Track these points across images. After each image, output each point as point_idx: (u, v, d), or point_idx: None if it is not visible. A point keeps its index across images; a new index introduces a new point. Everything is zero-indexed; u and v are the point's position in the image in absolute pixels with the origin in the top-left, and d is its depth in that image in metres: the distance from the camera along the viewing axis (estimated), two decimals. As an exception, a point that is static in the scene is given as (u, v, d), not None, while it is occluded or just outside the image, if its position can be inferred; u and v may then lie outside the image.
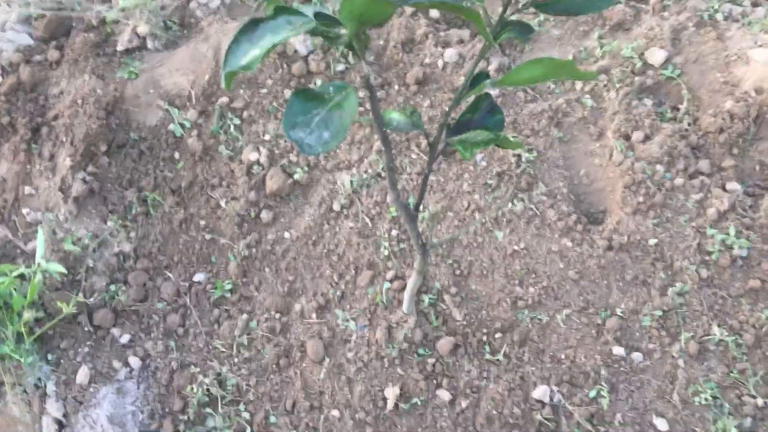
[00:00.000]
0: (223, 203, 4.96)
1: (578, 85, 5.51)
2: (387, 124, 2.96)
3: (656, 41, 5.52)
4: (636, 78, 5.43)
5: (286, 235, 4.92)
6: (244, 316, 4.62)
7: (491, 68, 5.53)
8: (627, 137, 5.26)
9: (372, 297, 4.65)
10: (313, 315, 4.62)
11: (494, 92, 5.38)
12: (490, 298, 4.67)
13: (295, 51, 5.51)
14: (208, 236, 4.90)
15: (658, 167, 5.08)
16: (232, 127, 5.26)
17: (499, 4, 2.48)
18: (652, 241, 4.82)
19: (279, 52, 5.44)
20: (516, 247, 4.81)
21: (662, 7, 5.85)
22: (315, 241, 4.90)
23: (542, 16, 5.84)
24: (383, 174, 5.15)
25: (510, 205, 4.97)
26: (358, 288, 4.73)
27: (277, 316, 4.62)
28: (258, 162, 5.10)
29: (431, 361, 4.44)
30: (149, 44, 5.51)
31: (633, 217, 4.94)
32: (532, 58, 3.41)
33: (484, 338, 4.52)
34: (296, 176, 5.06)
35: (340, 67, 5.46)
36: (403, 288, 4.55)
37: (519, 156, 5.11)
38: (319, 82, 5.40)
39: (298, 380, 4.41)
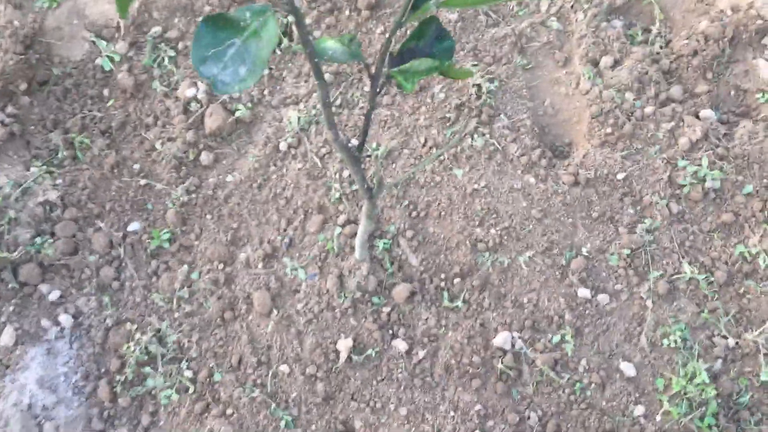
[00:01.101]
0: (158, 145, 4.48)
1: (543, 6, 5.02)
2: (320, 54, 2.49)
3: (628, -43, 5.01)
4: (605, -1, 4.95)
5: (229, 178, 4.47)
6: (185, 267, 4.21)
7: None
8: (595, 63, 4.81)
9: (322, 244, 4.27)
10: (260, 264, 4.23)
11: (453, 16, 4.88)
12: (448, 241, 4.30)
13: (235, -26, 4.91)
14: (142, 182, 4.43)
15: (628, 95, 4.66)
16: (166, 59, 4.72)
17: None
18: (621, 175, 4.46)
19: (216, -25, 4.85)
20: (476, 186, 4.42)
21: None
22: (260, 184, 4.47)
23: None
24: (333, 109, 4.68)
25: (470, 140, 4.55)
26: (308, 234, 4.34)
27: (221, 266, 4.23)
28: (196, 98, 4.59)
29: (386, 310, 4.10)
30: (70, -31, 4.87)
31: (600, 150, 4.55)
32: None
33: (443, 284, 4.18)
34: (239, 113, 4.57)
35: None
36: (356, 233, 4.17)
37: (479, 86, 4.65)
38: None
39: (245, 334, 4.06)
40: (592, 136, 4.54)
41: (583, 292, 4.11)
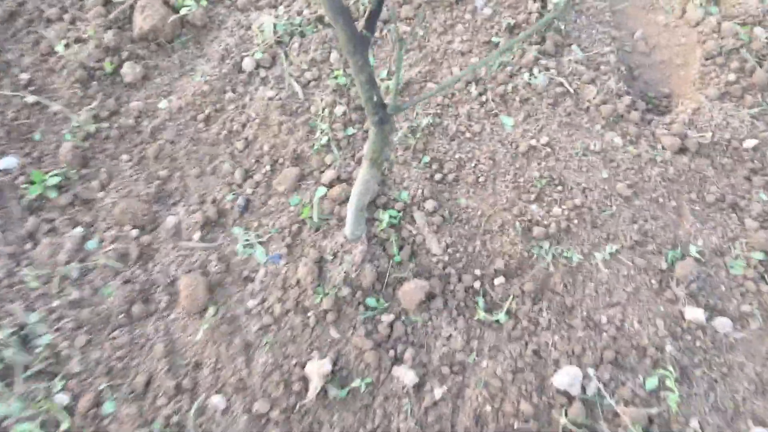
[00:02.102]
0: (60, 47, 3.08)
1: None
2: None
3: None
4: None
5: (163, 104, 3.08)
6: (78, 230, 2.81)
7: None
8: (709, -14, 3.48)
9: (295, 210, 2.88)
10: (196, 234, 2.84)
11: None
12: (488, 220, 2.93)
13: None
14: (31, 99, 3.03)
15: (758, 30, 3.33)
16: (88, -68, 3.34)
17: None
18: (749, 143, 3.10)
19: None
20: (534, 142, 3.05)
21: None
22: (210, 116, 3.08)
23: None
24: (325, 20, 3.30)
25: (527, 76, 3.18)
26: (274, 194, 2.95)
27: (135, 233, 2.83)
28: (124, -15, 3.21)
29: (387, 318, 2.71)
30: None
31: (719, 105, 3.20)
32: None
33: (477, 285, 2.80)
34: (185, 11, 3.19)
35: None
36: (347, 198, 2.81)
37: (543, 3, 3.30)
38: None
39: (160, 342, 2.66)
40: (705, 84, 3.20)
41: (694, 313, 2.76)
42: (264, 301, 2.71)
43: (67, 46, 3.08)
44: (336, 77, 3.10)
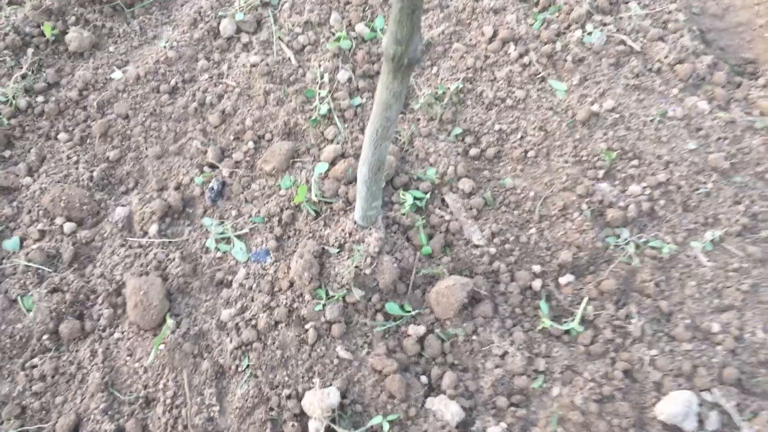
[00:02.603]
0: (-11, 12, 2.51)
1: None
2: None
3: None
4: None
5: (116, 74, 2.48)
6: (-7, 226, 2.14)
7: None
8: (786, -62, 2.95)
9: (287, 194, 2.22)
10: (152, 227, 2.16)
11: None
12: (545, 203, 2.26)
13: None
14: (-54, 71, 2.43)
15: None
16: None
17: None
18: None
19: None
20: (596, 107, 2.42)
21: None
22: (176, 87, 2.47)
23: None
24: (326, -23, 2.75)
25: (579, 33, 2.59)
26: (260, 175, 2.30)
27: (69, 227, 2.15)
28: (74, -57, 2.68)
29: (416, 331, 2.00)
30: None
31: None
32: None
33: (536, 284, 2.11)
34: (148, -31, 2.65)
35: None
36: (353, 176, 2.16)
37: (591, -48, 2.76)
38: None
39: (96, 370, 1.92)
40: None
41: (839, 315, 2.02)
42: (244, 310, 2.01)
43: (-2, 10, 2.51)
44: (338, 40, 2.51)
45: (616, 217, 2.24)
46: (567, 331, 2.06)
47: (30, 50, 2.49)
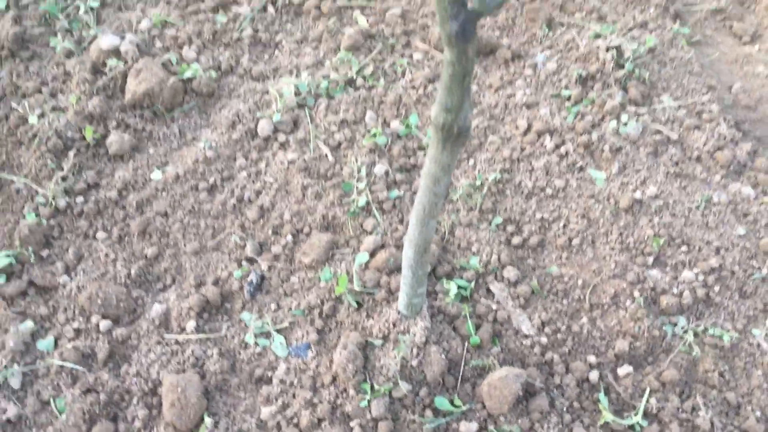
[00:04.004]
0: (33, 118, 2.57)
1: (700, -33, 3.35)
2: None
3: None
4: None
5: (156, 174, 2.49)
6: (28, 325, 2.07)
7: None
8: (810, 34, 3.01)
9: (327, 286, 2.14)
10: (190, 323, 2.08)
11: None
12: (595, 291, 2.17)
13: None
14: (-11, 175, 2.46)
15: None
16: (82, 9, 3.01)
17: None
18: None
19: None
20: (639, 195, 2.38)
21: None
22: (214, 185, 2.46)
23: None
24: (359, 81, 2.80)
25: (614, 124, 2.58)
26: (299, 267, 2.24)
27: (106, 325, 2.08)
28: (117, 54, 2.79)
29: (468, 428, 1.86)
30: None
31: None
32: None
33: (593, 376, 1.99)
34: (188, 75, 2.71)
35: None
36: (396, 266, 2.09)
37: (618, 50, 2.80)
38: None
39: (129, 474, 1.80)
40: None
41: None
42: (285, 407, 1.91)
43: (41, 116, 2.57)
44: (374, 136, 2.52)
45: (670, 305, 2.13)
46: (631, 426, 1.91)
47: (71, 153, 2.52)
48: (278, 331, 2.09)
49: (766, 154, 2.61)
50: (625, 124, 2.59)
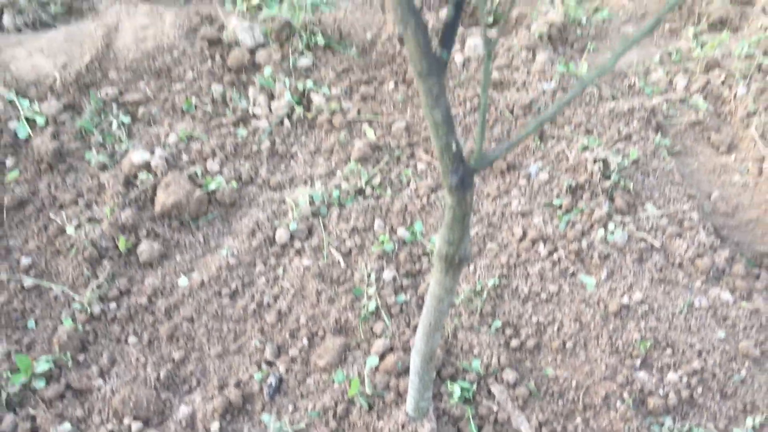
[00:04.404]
0: (71, 229, 2.80)
1: (680, 83, 3.63)
2: None
3: (786, 35, 3.77)
4: (768, 77, 3.58)
5: (182, 281, 2.70)
6: (66, 427, 2.24)
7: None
8: (780, 145, 3.27)
9: (341, 388, 2.32)
10: (214, 425, 2.25)
11: (551, 86, 3.46)
12: (587, 392, 2.34)
13: (236, 41, 3.68)
14: (29, 282, 2.66)
15: None
16: (115, 125, 3.28)
17: None
18: None
19: (211, 39, 3.61)
20: (626, 300, 2.58)
21: (778, 7, 4.18)
22: (235, 291, 2.67)
23: (606, 11, 4.12)
24: (368, 191, 3.05)
25: (602, 232, 2.81)
26: (314, 371, 2.42)
27: (137, 427, 2.25)
28: (148, 167, 3.04)
29: None
30: (6, 21, 3.71)
31: (835, 253, 2.77)
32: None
33: (589, 472, 2.14)
34: (212, 187, 2.96)
35: (305, 60, 3.58)
36: (404, 369, 2.27)
37: (605, 162, 3.06)
38: (268, 73, 3.49)
39: None
40: (810, 235, 2.79)
41: None
42: (303, 506, 2.04)
43: (78, 226, 2.80)
44: (382, 243, 2.75)
45: (657, 406, 2.31)
46: None
47: (105, 261, 2.74)
48: (297, 431, 2.26)
49: (742, 260, 2.83)
50: (612, 232, 2.82)
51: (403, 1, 1.33)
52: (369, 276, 2.67)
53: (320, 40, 3.73)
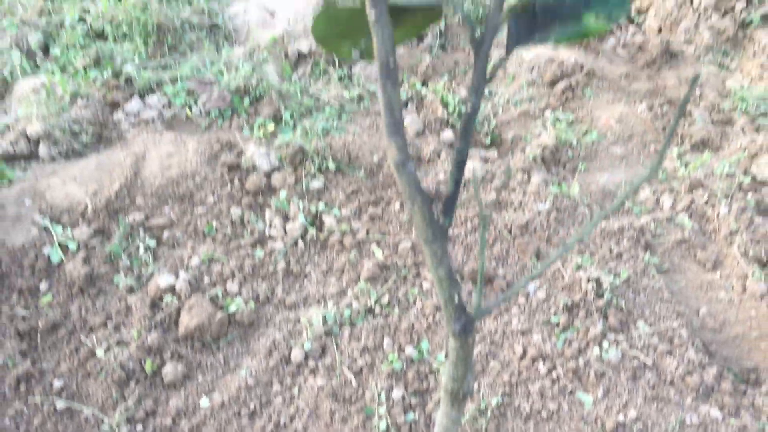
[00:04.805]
0: (100, 352, 2.99)
1: (666, 202, 3.89)
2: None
3: (762, 155, 4.06)
4: (749, 195, 3.83)
5: (204, 401, 2.86)
6: None
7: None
8: (762, 262, 3.48)
9: (355, 507, 2.46)
10: None
11: (545, 206, 3.72)
12: None
13: (254, 165, 3.98)
14: (61, 404, 2.83)
15: (830, 296, 3.22)
16: (142, 249, 3.52)
17: None
18: None
19: (231, 164, 3.91)
20: (621, 418, 2.73)
21: (755, 127, 4.50)
22: (254, 411, 2.83)
23: (595, 133, 4.44)
24: (377, 310, 3.25)
25: (597, 350, 2.99)
26: (329, 491, 2.55)
27: None
28: (173, 290, 3.25)
29: None
30: (42, 151, 4.01)
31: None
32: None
33: None
34: (233, 309, 3.16)
35: (317, 183, 3.87)
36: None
37: (598, 281, 3.27)
38: (283, 196, 3.77)
39: None
40: (793, 351, 2.97)
41: None
42: None
43: (107, 349, 2.99)
44: (391, 362, 2.92)
45: None
46: None
47: (132, 383, 2.92)
48: None
49: (730, 375, 2.99)
50: (607, 351, 3.00)
51: (411, 183, 1.58)
52: (379, 395, 2.84)
53: (331, 165, 4.03)
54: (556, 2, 1.38)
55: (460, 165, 1.57)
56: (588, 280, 3.30)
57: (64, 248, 3.51)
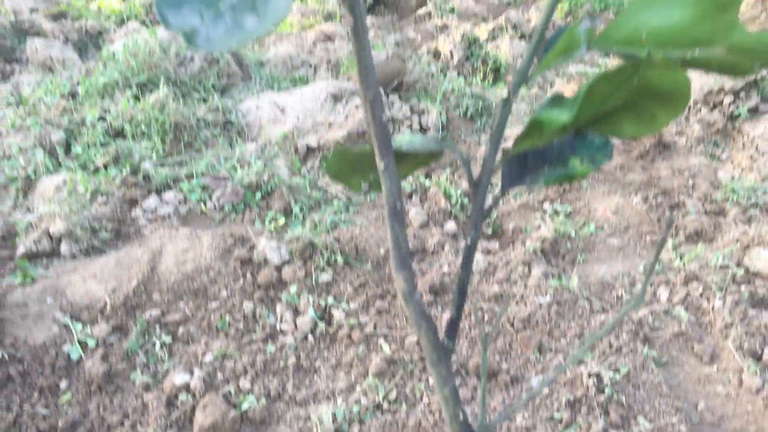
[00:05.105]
0: (117, 451, 3.08)
1: (662, 295, 4.02)
2: (396, 146, 1.56)
3: (754, 246, 4.21)
4: (742, 287, 3.97)
5: (217, 501, 2.93)
6: None
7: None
8: (757, 355, 3.58)
9: None
10: None
11: (545, 300, 3.86)
12: None
13: (265, 259, 4.14)
14: (79, 504, 2.91)
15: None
16: (158, 345, 3.64)
17: None
18: None
19: (243, 258, 4.07)
20: None
21: (747, 218, 4.67)
22: None
23: (592, 225, 4.61)
24: (385, 406, 3.34)
25: (599, 448, 3.07)
26: None
27: None
28: (188, 388, 3.36)
29: None
30: (64, 249, 4.18)
31: (813, 465, 3.01)
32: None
33: None
34: (245, 407, 3.26)
35: (325, 276, 4.02)
36: None
37: (598, 377, 3.37)
38: (294, 290, 3.92)
39: None
40: (790, 445, 3.05)
41: None
42: None
43: (125, 447, 3.07)
44: (400, 460, 3.01)
45: None
46: None
47: (149, 482, 3.00)
48: None
49: (730, 471, 3.07)
50: (609, 448, 3.09)
51: (417, 311, 1.72)
52: (388, 495, 2.92)
53: (339, 258, 4.19)
54: (544, 148, 1.57)
55: (462, 291, 1.72)
56: (589, 375, 3.40)
57: (83, 345, 3.64)
